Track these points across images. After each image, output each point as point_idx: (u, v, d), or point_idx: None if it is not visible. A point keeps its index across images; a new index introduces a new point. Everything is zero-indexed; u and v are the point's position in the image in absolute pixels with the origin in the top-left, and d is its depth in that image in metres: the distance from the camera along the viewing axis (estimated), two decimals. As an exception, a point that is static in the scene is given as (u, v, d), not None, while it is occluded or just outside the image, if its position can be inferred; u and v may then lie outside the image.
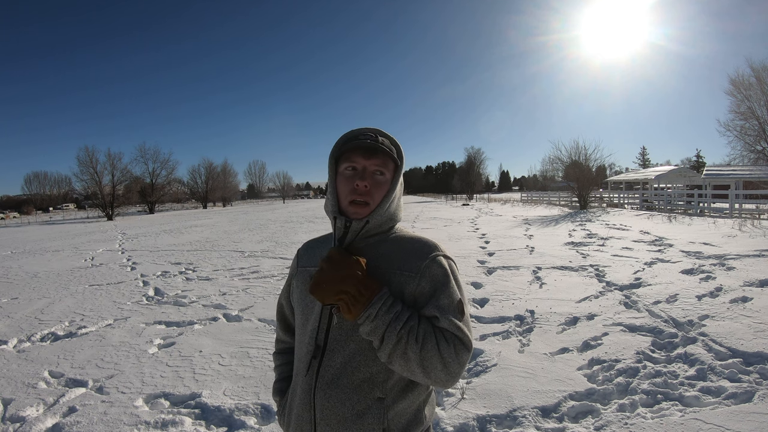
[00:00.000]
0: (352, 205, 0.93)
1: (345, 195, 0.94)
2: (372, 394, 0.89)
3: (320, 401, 0.90)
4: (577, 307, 4.45)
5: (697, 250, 7.30)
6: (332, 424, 0.89)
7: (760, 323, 3.66)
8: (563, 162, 24.77)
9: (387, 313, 0.83)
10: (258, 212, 33.20)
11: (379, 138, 0.96)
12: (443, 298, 0.87)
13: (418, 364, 0.81)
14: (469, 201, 42.63)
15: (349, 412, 0.89)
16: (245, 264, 8.10)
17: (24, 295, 6.25)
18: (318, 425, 0.91)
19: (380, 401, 0.89)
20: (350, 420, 0.89)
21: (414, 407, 0.94)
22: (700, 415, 2.39)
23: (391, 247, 0.95)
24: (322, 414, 0.90)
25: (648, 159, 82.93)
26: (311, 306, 0.97)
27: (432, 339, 0.82)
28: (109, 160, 40.69)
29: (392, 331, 0.81)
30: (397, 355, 0.82)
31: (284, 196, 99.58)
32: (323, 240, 1.09)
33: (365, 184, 0.92)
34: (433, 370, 0.81)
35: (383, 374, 0.90)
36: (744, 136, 26.38)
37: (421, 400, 0.96)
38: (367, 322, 0.83)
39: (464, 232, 12.26)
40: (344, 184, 0.94)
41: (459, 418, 2.46)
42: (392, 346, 0.82)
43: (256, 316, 4.65)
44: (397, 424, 0.91)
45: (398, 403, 0.91)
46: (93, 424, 2.55)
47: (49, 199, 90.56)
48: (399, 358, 0.82)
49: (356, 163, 0.93)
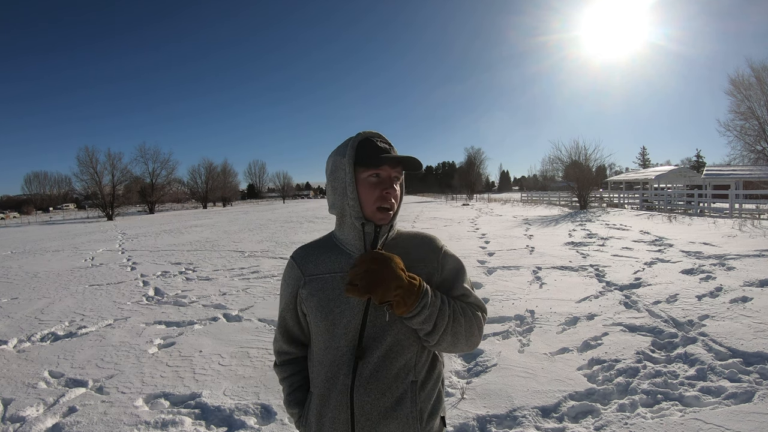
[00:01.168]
0: (379, 212, 0.97)
1: (371, 202, 0.97)
2: (407, 378, 0.96)
3: (359, 398, 0.93)
4: (577, 307, 4.45)
5: (697, 250, 7.30)
6: (373, 418, 0.93)
7: (760, 323, 3.66)
8: (563, 162, 24.76)
9: (436, 300, 0.93)
10: (258, 212, 33.19)
11: (394, 151, 1.01)
12: (464, 281, 1.03)
13: (465, 335, 0.96)
14: (469, 201, 42.62)
15: (388, 401, 0.93)
16: (245, 264, 8.11)
17: (24, 295, 6.25)
18: (357, 423, 0.93)
19: (414, 384, 0.96)
20: (390, 409, 0.93)
21: (436, 389, 1.02)
22: (700, 415, 2.39)
23: (404, 243, 1.03)
24: (361, 410, 0.92)
25: (648, 159, 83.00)
26: (340, 310, 0.96)
27: (469, 312, 0.98)
28: (109, 160, 40.74)
29: (443, 314, 0.93)
30: (448, 333, 0.94)
31: (284, 196, 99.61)
32: (322, 245, 1.07)
33: (393, 195, 0.98)
34: (473, 336, 0.98)
35: (415, 358, 0.98)
36: (744, 136, 26.41)
37: (440, 381, 1.05)
38: (424, 311, 0.91)
39: (464, 232, 12.25)
40: (369, 190, 0.97)
41: (459, 418, 2.46)
42: (445, 326, 0.93)
43: (256, 316, 4.65)
44: (426, 406, 0.98)
45: (426, 383, 0.99)
46: (93, 424, 2.55)
47: (49, 199, 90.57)
48: (450, 336, 0.94)
49: (383, 171, 0.97)
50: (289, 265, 1.10)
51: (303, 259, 1.06)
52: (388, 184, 0.96)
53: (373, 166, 0.95)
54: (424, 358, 0.99)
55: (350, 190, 0.97)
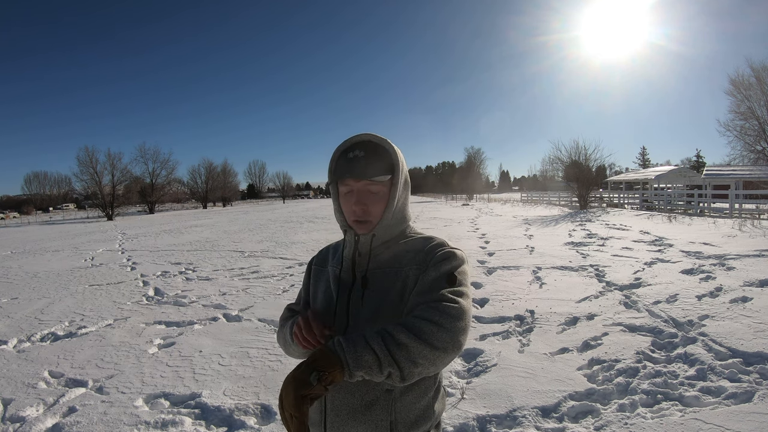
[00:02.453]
0: (355, 224, 1.00)
1: (348, 214, 1.01)
2: (380, 385, 0.92)
3: (331, 392, 0.92)
4: (577, 307, 4.45)
5: (697, 250, 7.30)
6: (342, 415, 0.93)
7: (760, 323, 3.66)
8: (563, 162, 24.75)
9: (355, 347, 0.77)
10: (258, 212, 33.20)
11: (365, 160, 0.95)
12: (441, 286, 0.89)
13: (429, 353, 0.78)
14: (469, 201, 42.62)
15: (358, 402, 0.92)
16: (245, 264, 8.11)
17: (24, 295, 6.25)
18: (328, 416, 0.95)
19: (388, 393, 0.93)
20: (359, 411, 0.92)
21: (423, 403, 0.97)
22: (700, 415, 2.39)
23: (397, 248, 1.02)
24: (332, 405, 0.94)
25: (648, 159, 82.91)
26: (322, 299, 1.07)
27: (416, 326, 0.80)
28: (109, 160, 40.80)
29: (379, 350, 0.77)
30: (407, 363, 0.78)
31: (284, 196, 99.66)
32: (336, 245, 1.16)
33: (361, 209, 0.98)
34: (436, 348, 0.79)
35: None
36: (744, 136, 26.41)
37: (430, 396, 0.98)
38: (355, 371, 0.77)
39: (464, 232, 12.26)
40: (345, 204, 1.02)
41: (459, 418, 2.46)
42: (391, 361, 0.77)
43: (256, 316, 4.65)
44: (405, 418, 0.94)
45: (405, 395, 0.94)
46: (93, 424, 2.55)
47: (49, 199, 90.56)
48: (410, 365, 0.78)
49: (350, 186, 0.98)
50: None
51: (320, 252, 1.20)
52: (357, 199, 0.97)
53: (341, 183, 0.99)
54: None
55: (334, 201, 1.04)
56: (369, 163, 0.96)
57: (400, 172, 1.01)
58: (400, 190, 1.01)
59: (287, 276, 6.77)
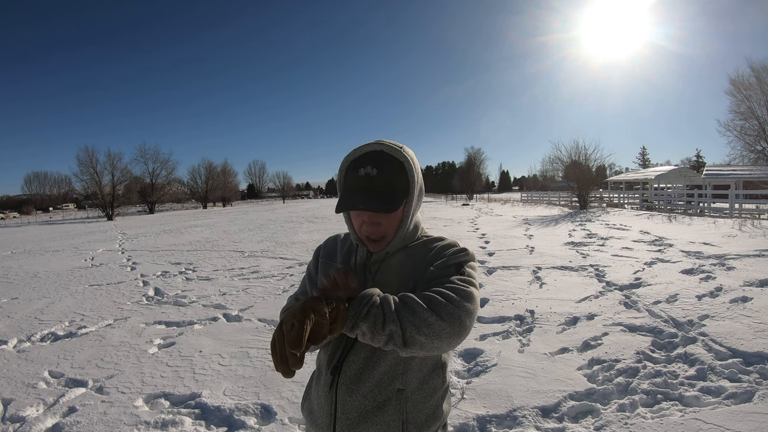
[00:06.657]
0: (368, 241, 0.97)
1: (359, 229, 0.97)
2: (392, 385, 0.92)
3: (342, 396, 0.93)
4: (577, 307, 4.45)
5: (697, 250, 7.30)
6: (353, 418, 0.92)
7: (760, 323, 3.66)
8: (563, 162, 24.76)
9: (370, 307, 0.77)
10: (258, 212, 33.19)
11: (378, 182, 0.91)
12: (450, 274, 0.90)
13: (438, 320, 0.77)
14: (469, 201, 42.61)
15: (370, 404, 0.92)
16: (245, 264, 8.11)
17: (24, 295, 6.25)
18: (338, 419, 0.93)
19: (400, 392, 0.92)
20: (371, 413, 0.92)
21: (433, 402, 0.97)
22: (700, 415, 2.39)
23: (401, 255, 1.00)
24: (343, 408, 0.93)
25: (648, 159, 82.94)
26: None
27: (436, 300, 0.80)
28: (109, 160, 40.73)
29: (389, 317, 0.76)
30: (412, 333, 0.76)
31: (284, 196, 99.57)
32: (344, 239, 1.13)
33: (374, 229, 0.94)
34: (448, 324, 0.78)
35: (402, 365, 0.94)
36: (744, 136, 26.42)
37: (439, 395, 0.99)
38: (359, 324, 0.76)
39: (464, 232, 12.26)
40: (355, 218, 0.97)
41: (459, 418, 2.46)
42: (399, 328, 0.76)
43: (256, 316, 4.65)
44: (416, 418, 0.94)
45: (416, 394, 0.94)
46: (93, 424, 2.55)
47: (49, 199, 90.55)
48: (420, 335, 0.76)
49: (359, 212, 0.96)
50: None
51: (327, 242, 1.16)
52: (368, 218, 0.93)
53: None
54: (414, 367, 0.95)
55: (345, 214, 1.00)
56: (382, 194, 0.90)
57: (415, 188, 0.96)
58: (414, 203, 0.98)
59: (287, 276, 6.77)
